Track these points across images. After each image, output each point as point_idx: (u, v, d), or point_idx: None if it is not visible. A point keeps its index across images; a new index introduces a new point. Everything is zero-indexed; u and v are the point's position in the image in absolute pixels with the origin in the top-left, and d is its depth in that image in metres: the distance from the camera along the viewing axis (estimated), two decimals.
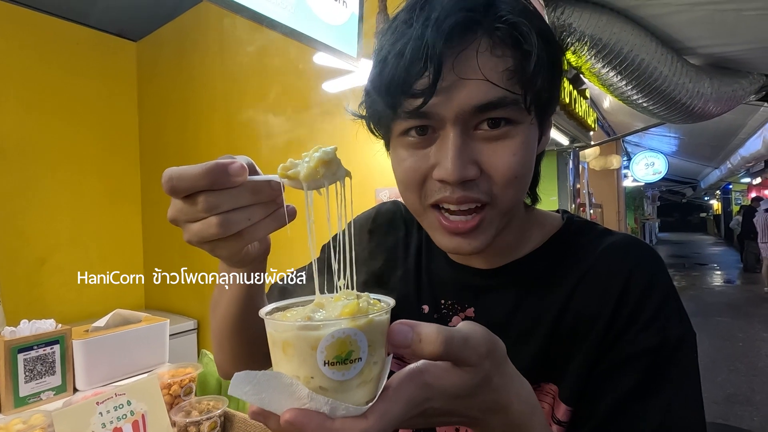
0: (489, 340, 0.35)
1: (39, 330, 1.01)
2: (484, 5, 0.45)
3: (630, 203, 10.66)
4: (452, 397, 0.33)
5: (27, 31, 2.86)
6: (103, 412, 0.94)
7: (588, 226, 0.61)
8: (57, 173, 2.93)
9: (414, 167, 0.49)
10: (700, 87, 2.82)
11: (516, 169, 0.47)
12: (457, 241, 0.50)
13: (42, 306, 2.78)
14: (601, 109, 5.37)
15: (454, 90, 0.44)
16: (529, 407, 0.38)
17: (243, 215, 0.39)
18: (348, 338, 0.29)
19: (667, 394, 0.47)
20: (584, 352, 0.51)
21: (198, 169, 0.36)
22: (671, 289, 0.52)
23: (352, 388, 0.30)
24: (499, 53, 0.44)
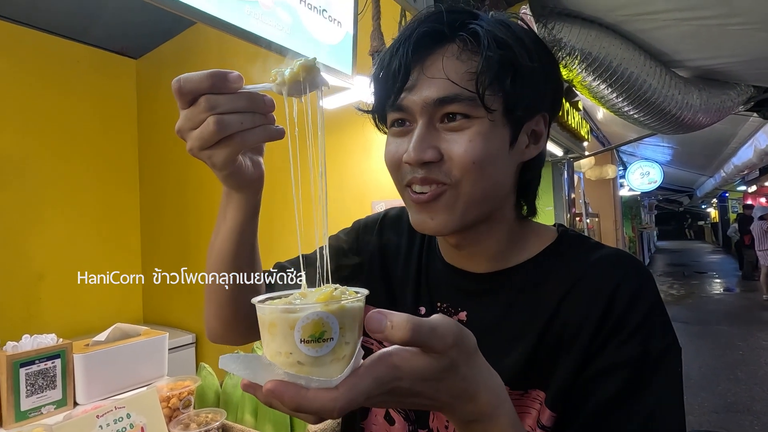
0: (456, 332, 0.38)
1: (40, 344, 1.03)
2: (453, 20, 0.54)
3: (627, 212, 10.71)
4: (420, 379, 0.36)
5: (27, 50, 2.91)
6: (103, 425, 0.95)
7: (581, 239, 0.64)
8: (55, 190, 2.96)
9: (393, 151, 0.57)
10: (689, 98, 2.88)
11: (472, 155, 0.52)
12: (422, 217, 0.56)
13: (41, 321, 2.78)
14: (595, 120, 5.45)
15: (421, 87, 0.53)
16: (497, 399, 0.41)
17: (237, 118, 0.45)
18: (321, 320, 0.34)
19: (648, 403, 0.49)
20: (570, 359, 0.53)
21: (202, 73, 0.44)
22: (657, 302, 0.54)
23: (326, 364, 0.34)
24: (465, 58, 0.52)
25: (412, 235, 0.73)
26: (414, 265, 0.70)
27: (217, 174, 0.53)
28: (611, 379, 0.50)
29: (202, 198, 2.94)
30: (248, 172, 0.54)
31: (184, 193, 3.07)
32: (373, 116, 0.63)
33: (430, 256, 0.70)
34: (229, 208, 0.58)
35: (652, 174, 7.81)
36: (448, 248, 0.66)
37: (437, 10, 0.55)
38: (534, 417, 0.55)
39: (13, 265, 2.75)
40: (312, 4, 1.32)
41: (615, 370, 0.50)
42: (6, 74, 2.83)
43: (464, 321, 0.62)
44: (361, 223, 0.79)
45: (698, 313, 7.39)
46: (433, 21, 0.54)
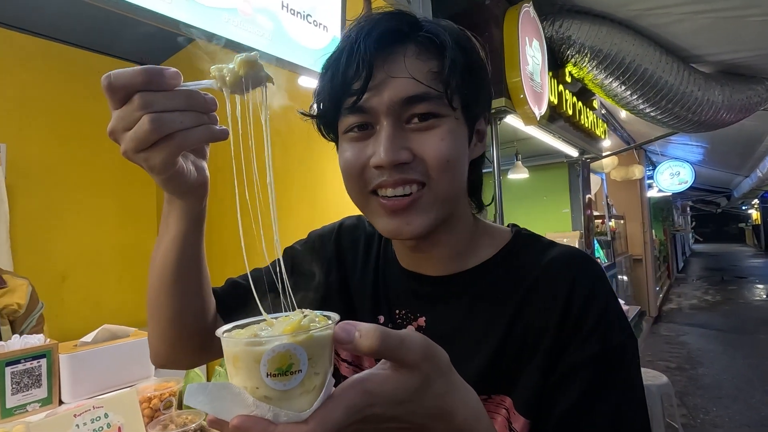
0: (426, 345, 0.36)
1: (28, 345, 1.08)
2: (410, 21, 0.54)
3: (657, 214, 10.27)
4: (394, 402, 0.35)
5: (54, 63, 3.07)
6: (80, 424, 0.98)
7: (534, 238, 0.64)
8: (77, 195, 3.10)
9: (354, 157, 0.54)
10: (710, 95, 2.75)
11: (446, 153, 0.52)
12: (396, 223, 0.54)
13: (63, 321, 2.90)
14: (618, 119, 5.27)
15: (384, 86, 0.51)
16: (475, 415, 0.40)
17: (176, 117, 0.42)
18: (288, 352, 0.32)
19: (613, 400, 0.50)
20: (534, 363, 0.53)
21: (135, 68, 0.40)
22: (611, 298, 0.55)
23: (295, 397, 0.33)
24: (424, 58, 0.52)
25: (369, 243, 0.72)
26: (371, 274, 0.69)
27: (155, 178, 0.48)
28: (575, 380, 0.50)
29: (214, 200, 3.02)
30: (190, 177, 0.51)
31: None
32: (319, 122, 0.60)
33: (386, 263, 0.68)
34: (171, 216, 0.54)
35: (682, 174, 7.46)
36: (405, 252, 0.65)
37: (392, 12, 0.55)
38: (501, 423, 0.54)
39: (38, 267, 2.89)
40: (295, 9, 1.33)
41: (578, 372, 0.51)
42: (34, 86, 2.99)
43: (423, 327, 0.61)
44: (317, 234, 0.78)
45: (734, 320, 7.01)
46: (391, 20, 0.53)
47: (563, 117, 2.95)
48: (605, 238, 5.38)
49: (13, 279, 1.57)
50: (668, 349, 5.66)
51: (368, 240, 0.72)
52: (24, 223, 2.81)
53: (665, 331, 6.57)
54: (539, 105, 2.34)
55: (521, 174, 3.45)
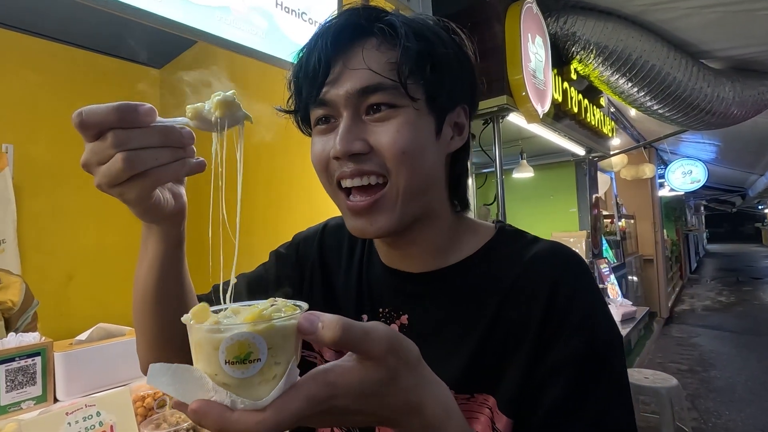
0: (392, 338, 0.36)
1: (23, 342, 1.09)
2: (370, 15, 0.54)
3: (670, 214, 10.09)
4: (359, 395, 0.34)
5: (61, 64, 3.12)
6: (71, 423, 0.98)
7: (518, 234, 0.63)
8: (84, 195, 3.14)
9: (319, 150, 0.55)
10: (720, 91, 2.68)
11: (401, 144, 0.51)
12: (360, 222, 0.54)
13: (70, 320, 2.95)
14: (627, 116, 5.19)
15: (343, 79, 0.52)
16: (446, 411, 0.39)
17: (150, 154, 0.41)
18: (247, 341, 0.32)
19: (598, 399, 0.49)
20: (517, 362, 0.52)
21: (108, 105, 0.40)
22: (596, 296, 0.54)
23: (254, 385, 0.33)
24: (384, 49, 0.52)
25: (353, 243, 0.71)
26: (355, 273, 0.68)
27: (131, 210, 0.49)
28: (559, 379, 0.50)
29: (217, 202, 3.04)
30: (167, 206, 0.51)
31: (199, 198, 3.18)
32: (296, 117, 0.61)
33: (370, 261, 0.68)
34: (150, 240, 0.55)
35: (694, 173, 7.33)
36: (386, 250, 0.64)
37: (353, 7, 0.55)
38: (484, 422, 0.53)
39: (45, 266, 2.93)
40: (289, 7, 1.32)
41: (562, 371, 0.50)
42: (41, 87, 3.03)
43: (406, 325, 0.61)
44: (302, 236, 0.78)
45: (749, 321, 6.87)
46: (351, 15, 0.54)
47: (569, 115, 2.91)
48: (614, 238, 5.30)
49: (7, 276, 1.58)
50: (680, 350, 5.56)
51: (352, 240, 0.72)
52: (31, 223, 2.86)
53: (677, 332, 6.46)
54: (542, 103, 2.31)
55: (526, 173, 3.41)
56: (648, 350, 5.54)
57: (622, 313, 2.95)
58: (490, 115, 2.31)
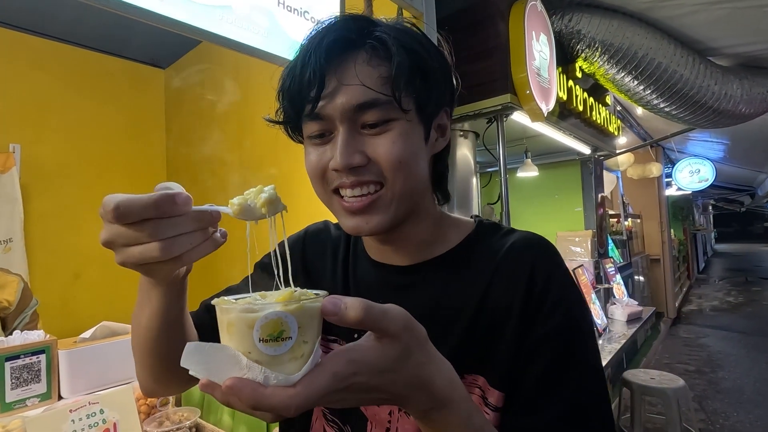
0: (407, 317, 0.40)
1: (27, 340, 1.10)
2: (359, 28, 0.55)
3: (677, 213, 9.99)
4: (377, 371, 0.37)
5: (68, 65, 3.14)
6: (75, 420, 0.99)
7: (496, 226, 0.68)
8: (90, 194, 3.16)
9: (316, 160, 0.57)
10: (727, 89, 2.65)
11: (397, 155, 0.54)
12: (356, 221, 0.57)
13: (76, 318, 2.97)
14: (634, 115, 5.14)
15: (337, 94, 0.53)
16: (451, 385, 0.43)
17: (186, 240, 0.42)
18: (279, 320, 0.35)
19: (578, 365, 0.54)
20: (504, 342, 0.56)
21: (147, 199, 0.39)
22: (567, 275, 0.60)
23: (285, 362, 0.35)
24: (375, 63, 0.54)
25: (336, 244, 0.74)
26: (340, 272, 0.71)
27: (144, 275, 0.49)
28: (542, 353, 0.54)
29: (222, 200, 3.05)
30: (181, 272, 0.52)
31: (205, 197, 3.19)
32: (286, 127, 0.62)
33: (356, 258, 0.71)
34: (153, 292, 0.54)
35: (702, 172, 7.25)
36: (376, 246, 0.68)
37: (342, 18, 0.57)
38: (476, 400, 0.57)
39: (52, 265, 2.96)
40: (292, 6, 1.32)
41: (544, 344, 0.54)
42: (48, 87, 3.06)
43: None
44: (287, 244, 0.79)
45: (758, 322, 6.78)
46: (341, 29, 0.55)
47: (574, 113, 2.88)
48: (620, 238, 5.26)
49: (4, 276, 1.58)
50: (687, 351, 5.51)
51: (335, 241, 0.75)
52: (38, 222, 2.88)
53: (684, 333, 6.40)
54: (547, 101, 2.29)
55: (531, 172, 3.39)
56: (655, 351, 5.49)
57: (628, 313, 2.92)
58: (493, 114, 2.30)
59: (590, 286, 2.83)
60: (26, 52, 3.00)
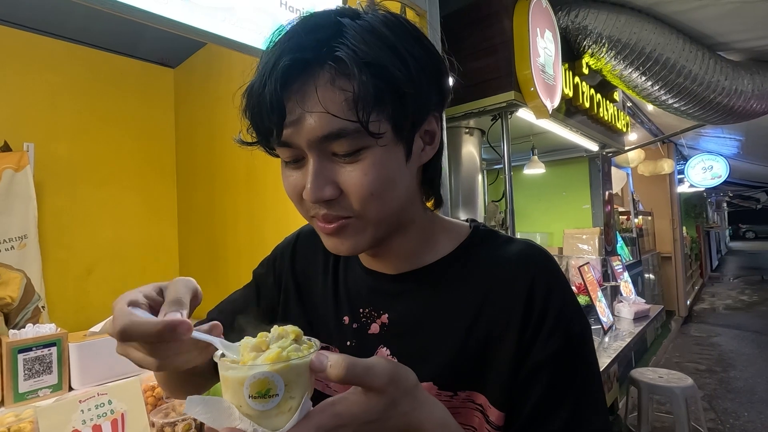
0: (392, 370, 0.40)
1: (39, 333, 1.14)
2: (316, 43, 0.47)
3: (690, 211, 9.83)
4: (363, 422, 0.39)
5: (79, 65, 3.21)
6: (84, 410, 1.03)
7: (492, 234, 0.64)
8: (102, 192, 3.23)
9: (292, 185, 0.54)
10: (738, 84, 2.61)
11: (369, 188, 0.50)
12: (332, 242, 0.55)
13: (89, 312, 3.04)
14: (644, 111, 5.07)
15: (301, 122, 0.48)
16: (441, 424, 0.44)
17: (182, 358, 0.46)
18: (266, 379, 0.38)
19: (578, 385, 0.53)
20: (501, 360, 0.54)
21: (150, 328, 0.41)
22: (567, 290, 0.58)
23: (273, 416, 0.38)
24: (339, 85, 0.47)
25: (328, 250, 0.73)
26: (331, 277, 0.69)
27: None
28: (544, 373, 0.53)
29: (228, 197, 3.09)
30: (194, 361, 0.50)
31: (212, 194, 3.24)
32: (262, 147, 0.57)
33: (347, 264, 0.70)
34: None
35: (715, 168, 7.13)
36: (363, 253, 0.66)
37: (296, 31, 0.49)
38: (476, 418, 0.55)
39: (65, 261, 3.04)
40: (294, 6, 1.34)
41: (546, 365, 0.53)
42: (61, 87, 3.13)
43: (386, 323, 0.62)
44: (279, 249, 0.78)
45: None
46: (295, 48, 0.47)
47: (580, 110, 2.86)
48: (630, 235, 5.20)
49: (7, 272, 1.62)
50: (698, 350, 5.44)
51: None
52: (51, 219, 2.95)
53: (695, 331, 6.31)
54: (551, 98, 2.28)
55: (537, 169, 3.37)
56: (665, 349, 5.43)
57: (635, 311, 2.90)
58: (498, 111, 2.29)
59: (596, 284, 2.81)
60: (39, 52, 3.07)
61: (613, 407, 3.49)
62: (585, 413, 0.53)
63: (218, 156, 3.19)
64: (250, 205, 2.87)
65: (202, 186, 3.37)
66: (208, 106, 3.27)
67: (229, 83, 3.03)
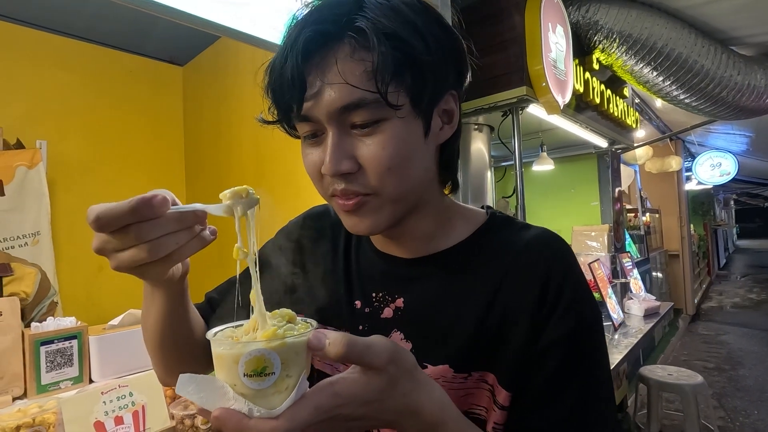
0: (392, 349, 0.40)
1: (60, 326, 1.15)
2: (337, 16, 0.48)
3: (697, 208, 9.77)
4: (362, 402, 0.38)
5: (88, 63, 3.23)
6: (106, 401, 1.04)
7: (509, 221, 0.65)
8: (112, 190, 3.26)
9: (312, 162, 0.54)
10: (751, 79, 2.58)
11: (387, 162, 0.50)
12: (352, 220, 0.55)
13: (100, 308, 3.07)
14: (653, 107, 5.04)
15: (321, 94, 0.49)
16: (441, 410, 0.44)
17: (171, 240, 0.43)
18: (263, 356, 0.36)
19: (586, 369, 0.54)
20: (515, 340, 0.55)
21: (123, 206, 0.39)
22: (581, 277, 0.58)
23: (269, 395, 0.37)
24: (359, 57, 0.48)
25: (336, 230, 0.71)
26: (341, 260, 0.69)
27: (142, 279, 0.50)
28: (553, 355, 0.53)
29: None
30: (176, 273, 0.53)
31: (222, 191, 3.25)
32: (281, 125, 0.58)
33: (359, 247, 0.69)
34: (156, 295, 0.56)
35: (724, 165, 7.07)
36: (377, 236, 0.65)
37: (318, 7, 0.51)
38: (485, 397, 0.56)
39: (77, 258, 3.06)
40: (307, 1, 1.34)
41: (555, 347, 0.53)
42: (71, 85, 3.15)
43: (401, 308, 0.62)
44: (285, 230, 0.78)
45: None
46: (316, 21, 0.49)
47: (590, 106, 2.85)
48: (638, 233, 5.18)
49: (22, 267, 1.60)
50: (706, 348, 5.41)
51: (335, 227, 0.72)
52: (64, 216, 2.98)
53: (703, 330, 6.28)
54: (563, 93, 2.27)
55: (546, 165, 3.36)
56: (673, 347, 5.40)
57: (645, 308, 2.89)
58: (509, 107, 2.29)
59: (607, 281, 2.80)
60: (50, 51, 3.10)
61: (621, 405, 3.48)
62: (591, 399, 0.52)
63: (227, 153, 3.20)
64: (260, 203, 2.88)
65: (211, 183, 3.39)
66: (217, 103, 3.29)
67: (238, 81, 3.03)
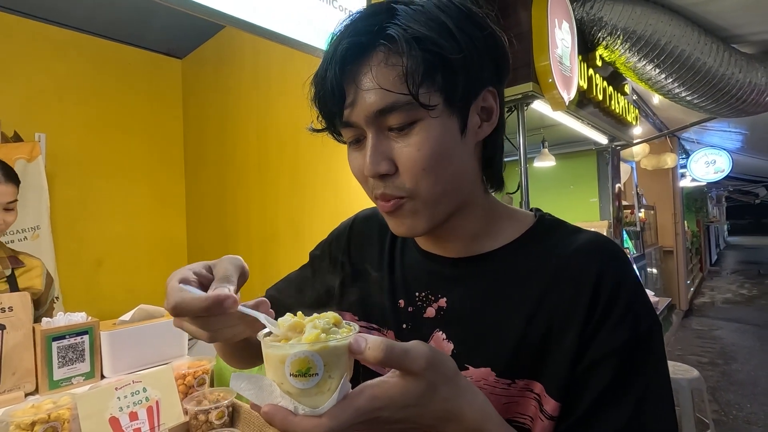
0: (430, 355, 0.40)
1: (72, 321, 1.14)
2: (370, 27, 0.51)
3: (691, 205, 9.87)
4: (401, 406, 0.39)
5: (86, 55, 3.18)
6: (120, 397, 1.03)
7: (559, 223, 0.63)
8: (111, 183, 3.22)
9: (357, 166, 0.57)
10: (752, 77, 2.60)
11: (422, 163, 0.52)
12: (393, 222, 0.57)
13: (100, 303, 3.05)
14: (650, 104, 5.06)
15: (358, 101, 0.52)
16: (482, 414, 0.44)
17: (230, 331, 0.49)
18: (306, 358, 0.38)
19: (642, 383, 0.51)
20: (563, 350, 0.53)
21: (200, 303, 0.45)
22: (638, 285, 0.55)
23: (312, 395, 0.39)
24: (391, 63, 0.50)
25: (383, 231, 0.73)
26: (387, 260, 0.70)
27: None
28: (607, 366, 0.51)
29: (240, 189, 3.08)
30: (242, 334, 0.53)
31: (224, 185, 3.23)
32: (329, 133, 0.60)
33: (405, 247, 0.70)
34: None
35: (718, 162, 7.13)
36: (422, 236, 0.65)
37: (353, 20, 0.53)
38: (531, 407, 0.55)
39: (77, 253, 3.04)
40: None
41: (610, 357, 0.51)
42: (69, 77, 3.10)
43: (444, 308, 0.61)
44: (335, 234, 0.80)
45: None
46: (352, 34, 0.52)
47: (593, 102, 2.86)
48: (634, 229, 5.22)
49: (30, 259, 1.54)
50: (700, 343, 5.49)
51: (382, 228, 0.73)
52: (63, 210, 2.95)
53: (697, 325, 6.37)
54: (568, 89, 2.27)
55: (548, 162, 3.37)
56: (667, 342, 5.48)
57: None
58: (514, 103, 2.29)
59: None
60: (47, 41, 3.04)
61: None
62: (647, 418, 0.49)
63: (228, 147, 3.18)
64: (263, 196, 2.86)
65: (210, 178, 3.36)
66: (217, 97, 3.26)
67: (238, 75, 3.00)
